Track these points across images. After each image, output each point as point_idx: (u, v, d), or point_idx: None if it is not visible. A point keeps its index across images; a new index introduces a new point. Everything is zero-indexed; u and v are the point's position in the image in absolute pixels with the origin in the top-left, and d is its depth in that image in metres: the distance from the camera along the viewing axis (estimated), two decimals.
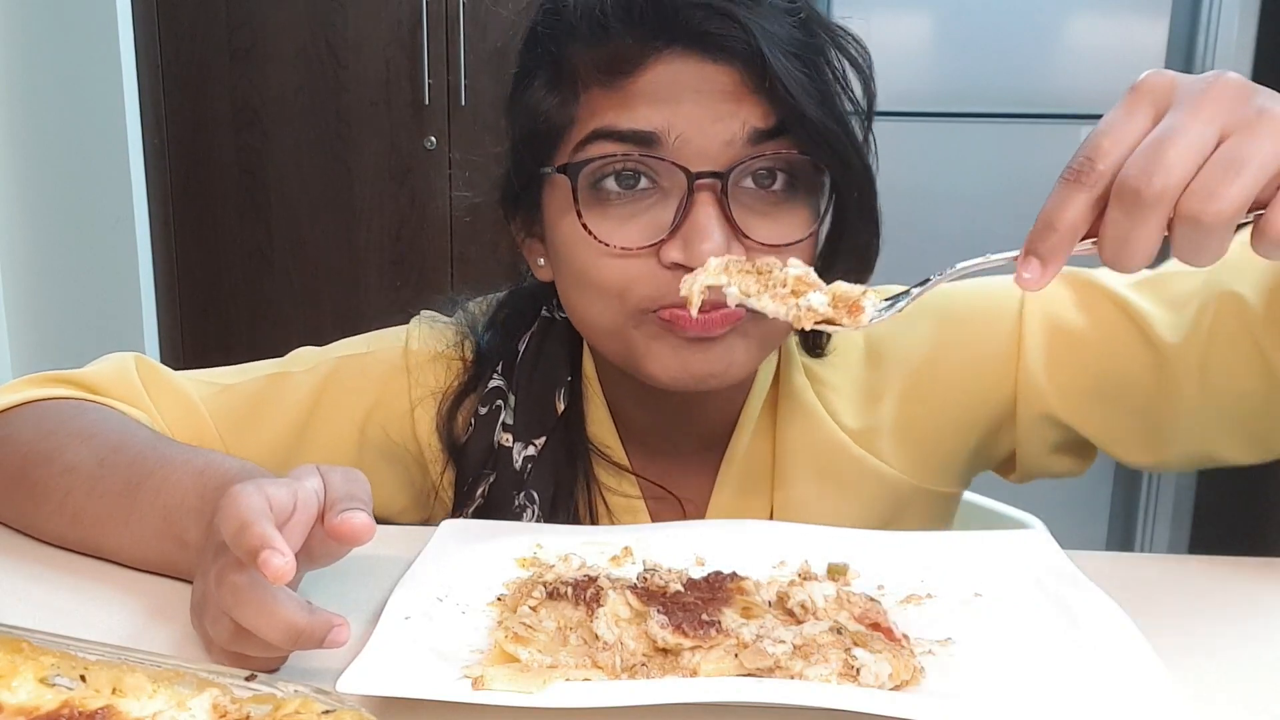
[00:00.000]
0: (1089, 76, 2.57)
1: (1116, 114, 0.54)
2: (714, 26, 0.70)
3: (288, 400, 0.88)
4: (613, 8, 0.72)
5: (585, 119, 0.74)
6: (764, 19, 0.70)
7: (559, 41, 0.75)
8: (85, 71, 2.57)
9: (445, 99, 2.69)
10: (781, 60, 0.70)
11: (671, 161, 0.71)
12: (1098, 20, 2.57)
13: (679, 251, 0.71)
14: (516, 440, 0.85)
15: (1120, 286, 0.79)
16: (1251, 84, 0.52)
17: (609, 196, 0.73)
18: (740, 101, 0.71)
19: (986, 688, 0.54)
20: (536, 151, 0.77)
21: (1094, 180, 0.53)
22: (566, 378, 0.86)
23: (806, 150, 0.72)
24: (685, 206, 0.71)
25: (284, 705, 0.48)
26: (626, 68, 0.71)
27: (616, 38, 0.71)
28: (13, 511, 0.78)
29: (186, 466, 0.69)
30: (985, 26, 2.51)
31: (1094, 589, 0.62)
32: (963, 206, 2.49)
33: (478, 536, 0.72)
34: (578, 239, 0.74)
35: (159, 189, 2.77)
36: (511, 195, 0.81)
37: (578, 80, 0.74)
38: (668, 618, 0.56)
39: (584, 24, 0.73)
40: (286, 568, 0.51)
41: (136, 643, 0.58)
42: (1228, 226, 0.51)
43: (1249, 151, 0.50)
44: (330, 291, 2.83)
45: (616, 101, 0.72)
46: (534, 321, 0.89)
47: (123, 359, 0.88)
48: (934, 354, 0.84)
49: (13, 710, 0.49)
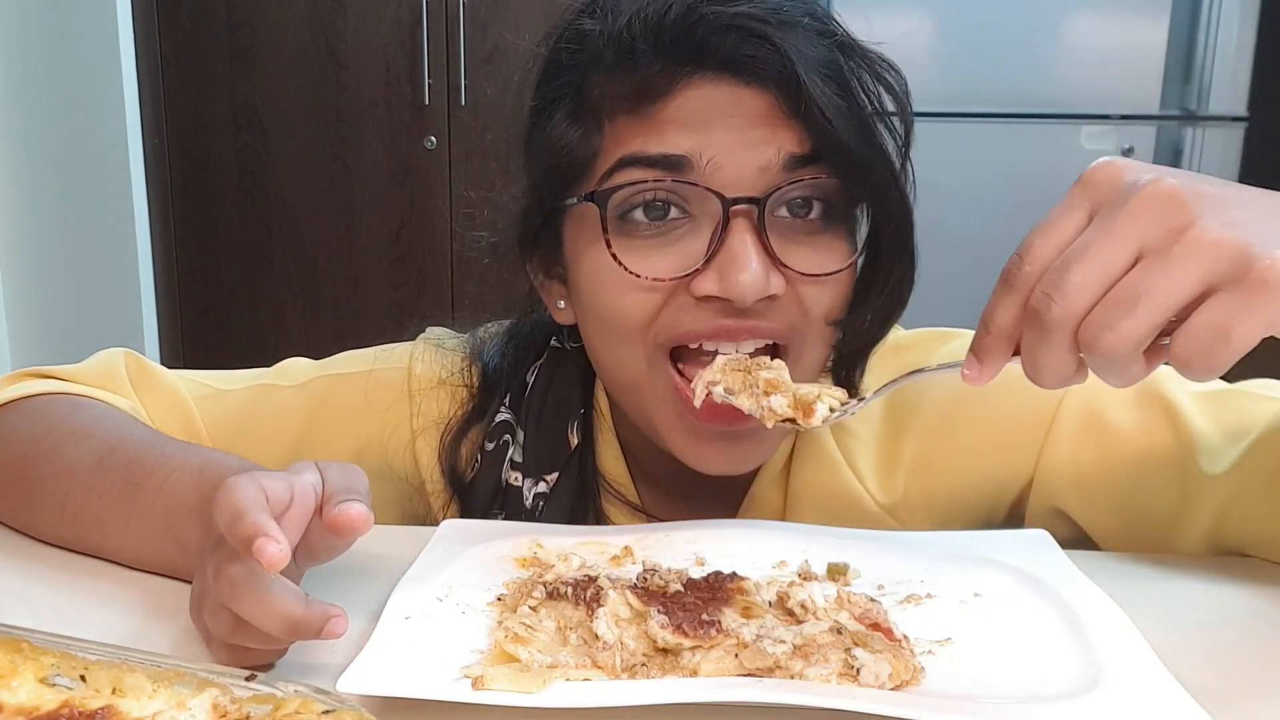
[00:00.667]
0: (1089, 76, 2.57)
1: (1055, 211, 0.52)
2: (748, 51, 0.67)
3: (278, 416, 0.86)
4: (641, 34, 0.68)
5: (611, 148, 0.70)
6: (799, 42, 0.67)
7: (582, 71, 0.72)
8: (85, 71, 2.57)
9: (445, 99, 2.70)
10: (818, 84, 0.66)
11: (705, 187, 0.67)
12: (1098, 20, 2.58)
13: (714, 283, 0.67)
14: (527, 477, 0.82)
15: (1182, 395, 0.74)
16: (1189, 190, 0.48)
17: (637, 227, 0.70)
18: (774, 127, 0.68)
19: (986, 688, 0.54)
20: (559, 184, 0.73)
21: (1021, 283, 0.51)
22: (580, 410, 0.83)
23: (844, 177, 0.69)
24: (720, 234, 0.67)
25: (284, 705, 0.48)
26: (655, 95, 0.68)
27: (645, 65, 0.68)
28: (10, 513, 0.77)
29: (186, 466, 0.69)
30: (985, 26, 2.51)
31: (1094, 589, 0.62)
32: (963, 206, 2.49)
33: (478, 536, 0.72)
34: (604, 272, 0.70)
35: (159, 189, 2.77)
36: (531, 234, 0.77)
37: (602, 110, 0.71)
38: (668, 618, 0.56)
39: (610, 52, 0.70)
40: (281, 555, 0.51)
41: (136, 643, 0.58)
42: (1127, 359, 0.49)
43: (1153, 283, 0.47)
44: (330, 291, 2.83)
45: (645, 128, 0.69)
46: (543, 351, 0.85)
47: (112, 355, 0.86)
48: (948, 420, 0.80)
49: (13, 710, 0.49)
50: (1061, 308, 0.49)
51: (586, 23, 0.72)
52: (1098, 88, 2.56)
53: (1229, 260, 0.46)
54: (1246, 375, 0.80)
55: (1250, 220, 0.47)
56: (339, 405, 0.86)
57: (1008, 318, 0.52)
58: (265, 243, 2.82)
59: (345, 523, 0.55)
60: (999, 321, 0.52)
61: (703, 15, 0.67)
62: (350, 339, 0.95)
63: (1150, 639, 0.55)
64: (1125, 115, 2.62)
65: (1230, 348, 0.47)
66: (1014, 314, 0.52)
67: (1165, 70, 2.62)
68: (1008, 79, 2.51)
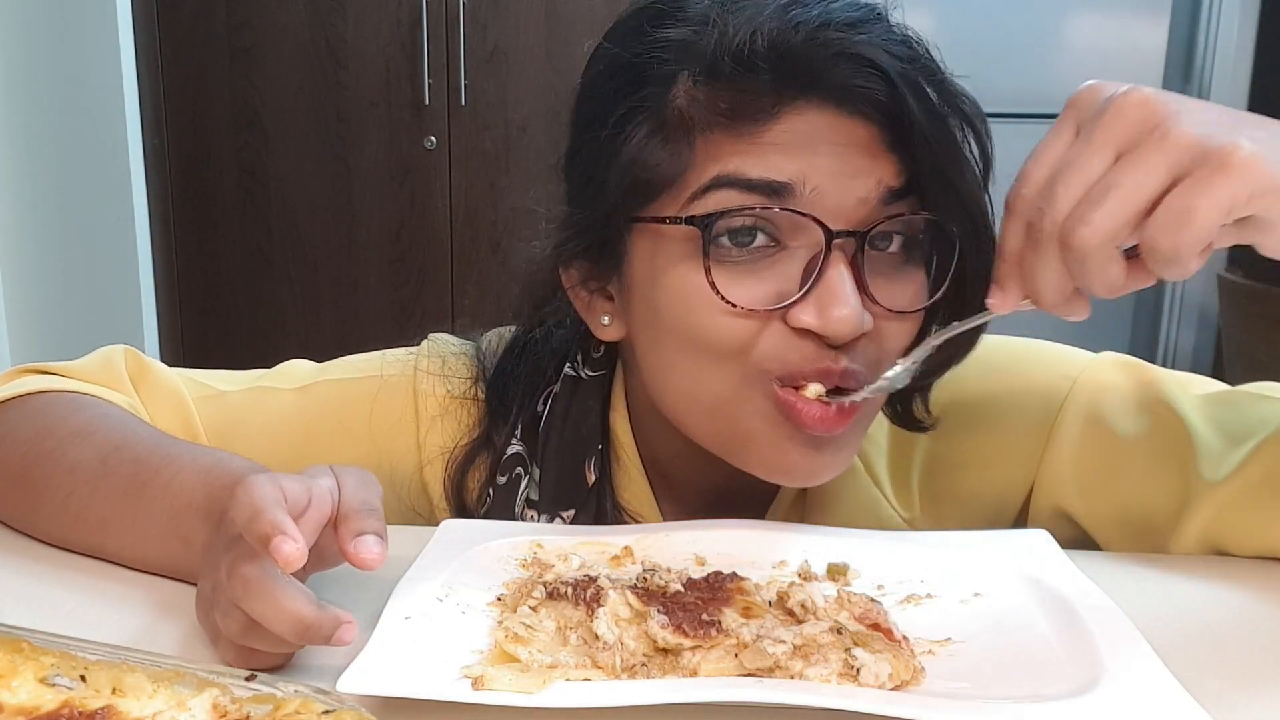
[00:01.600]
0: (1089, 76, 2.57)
1: (1047, 136, 0.54)
2: (861, 79, 0.64)
3: (276, 419, 0.84)
4: (756, 53, 0.64)
5: (704, 163, 0.66)
6: (905, 74, 0.65)
7: (669, 83, 0.67)
8: (85, 71, 2.57)
9: (445, 99, 2.70)
10: (920, 117, 0.65)
11: (811, 216, 0.65)
12: (1098, 20, 2.58)
13: (813, 316, 0.65)
14: (542, 514, 0.80)
15: (1184, 400, 0.74)
16: (1160, 96, 0.51)
17: (727, 251, 0.66)
18: (875, 157, 0.66)
19: (986, 688, 0.54)
20: (640, 200, 0.69)
21: (1020, 205, 0.54)
22: (598, 446, 0.80)
23: (936, 210, 0.67)
24: (821, 267, 0.65)
25: (284, 705, 0.48)
26: (758, 115, 0.65)
27: (748, 82, 0.65)
28: (13, 512, 0.77)
29: (193, 466, 0.68)
30: (985, 26, 2.51)
31: (1094, 589, 0.62)
32: None
33: (478, 537, 0.71)
34: (694, 296, 0.67)
35: (159, 189, 2.77)
36: (582, 249, 0.73)
37: (694, 124, 0.67)
38: (668, 618, 0.56)
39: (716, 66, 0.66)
40: (298, 553, 0.51)
41: (138, 643, 0.58)
42: (1100, 251, 0.51)
43: (1121, 176, 0.50)
44: (330, 291, 2.83)
45: (745, 148, 0.66)
46: (556, 379, 0.82)
47: (112, 351, 0.86)
48: (963, 417, 0.79)
49: (13, 710, 0.49)
50: (1050, 217, 0.51)
51: (675, 31, 0.68)
52: None
53: (1193, 151, 0.49)
54: (1252, 378, 0.80)
55: (1218, 120, 0.51)
56: (339, 418, 0.84)
57: (1015, 241, 0.54)
58: (265, 243, 2.82)
59: (361, 561, 0.55)
60: (1008, 246, 0.55)
61: (825, 40, 0.64)
62: (350, 339, 0.95)
63: (1150, 639, 0.55)
64: None
65: (1193, 228, 0.49)
66: (1020, 236, 0.54)
67: (1165, 70, 2.62)
68: (1008, 79, 2.51)
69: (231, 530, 0.57)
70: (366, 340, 0.92)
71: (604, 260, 0.73)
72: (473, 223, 2.77)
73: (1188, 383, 0.77)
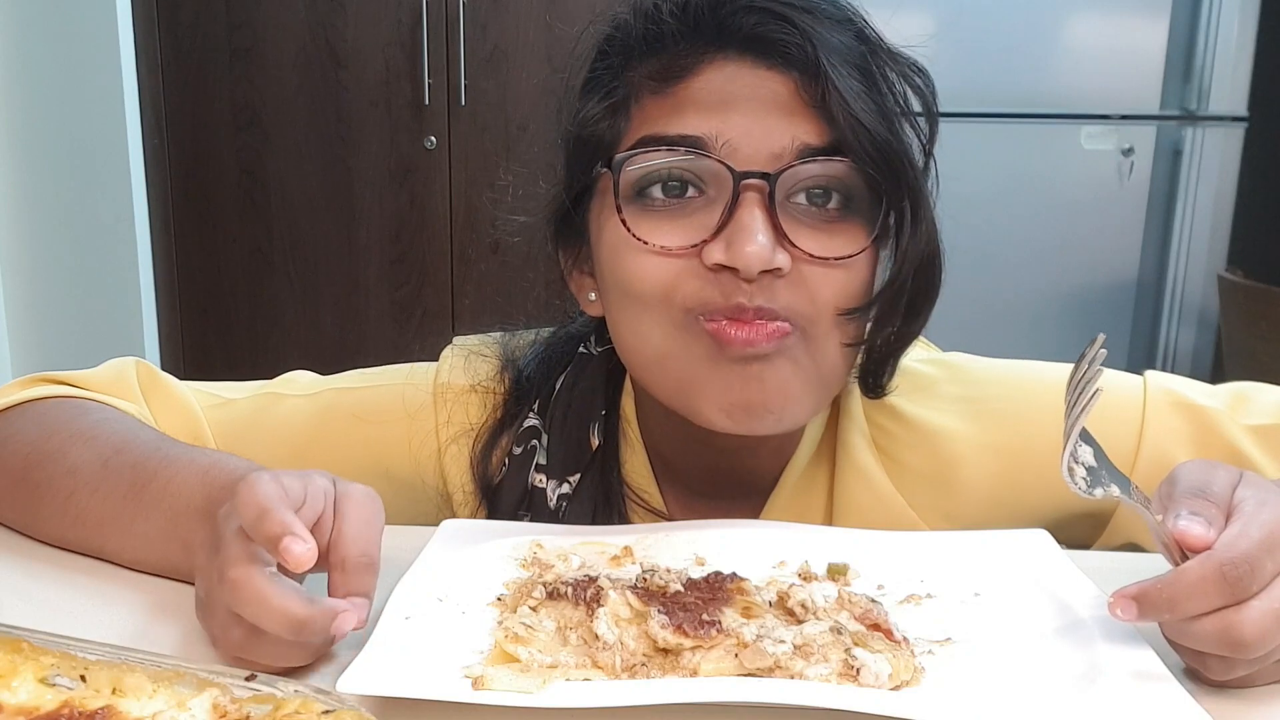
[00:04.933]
0: (1089, 76, 2.57)
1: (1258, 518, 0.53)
2: (770, 31, 0.68)
3: (284, 423, 0.86)
4: (668, 12, 0.71)
5: (636, 127, 0.72)
6: (823, 29, 0.69)
7: (620, 57, 0.74)
8: (85, 72, 2.57)
9: (445, 99, 2.69)
10: (840, 71, 0.67)
11: (716, 159, 0.69)
12: (1098, 20, 2.58)
13: (721, 251, 0.68)
14: (550, 479, 0.83)
15: (1241, 434, 0.77)
16: None
17: (653, 202, 0.71)
18: (793, 114, 0.69)
19: (986, 688, 0.54)
20: (584, 163, 0.75)
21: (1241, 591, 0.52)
22: (601, 412, 0.84)
23: (861, 167, 0.69)
24: (731, 208, 0.69)
25: (284, 705, 0.48)
26: (679, 73, 0.70)
27: (671, 45, 0.70)
28: (14, 513, 0.77)
29: (192, 467, 0.69)
30: (985, 26, 2.51)
31: (1094, 589, 0.62)
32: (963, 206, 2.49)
33: (478, 536, 0.72)
34: (620, 244, 0.72)
35: (159, 189, 2.77)
36: (559, 217, 0.78)
37: (631, 92, 0.73)
38: (668, 618, 0.56)
39: (640, 33, 0.72)
40: (308, 554, 0.52)
41: (137, 642, 0.58)
42: None
43: None
44: (330, 291, 2.83)
45: (668, 109, 0.71)
46: (572, 359, 0.87)
47: (123, 363, 0.87)
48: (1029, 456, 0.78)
49: (13, 710, 0.49)
50: None
51: (622, 11, 0.74)
52: (1098, 88, 2.56)
53: None
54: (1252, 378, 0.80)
55: None
56: (348, 423, 0.85)
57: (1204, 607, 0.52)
58: (265, 243, 2.82)
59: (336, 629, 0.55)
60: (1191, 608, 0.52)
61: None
62: (350, 339, 0.96)
63: (1150, 639, 0.55)
64: (1125, 115, 2.62)
65: None
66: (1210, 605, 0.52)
67: (1165, 70, 2.62)
68: (1008, 79, 2.51)
69: (220, 531, 0.57)
70: (366, 340, 0.92)
71: (579, 236, 0.78)
72: (473, 223, 2.77)
73: (1232, 406, 0.78)
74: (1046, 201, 2.65)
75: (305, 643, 0.55)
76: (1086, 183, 2.67)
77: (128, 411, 0.82)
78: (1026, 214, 2.62)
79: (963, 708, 0.51)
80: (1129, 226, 2.77)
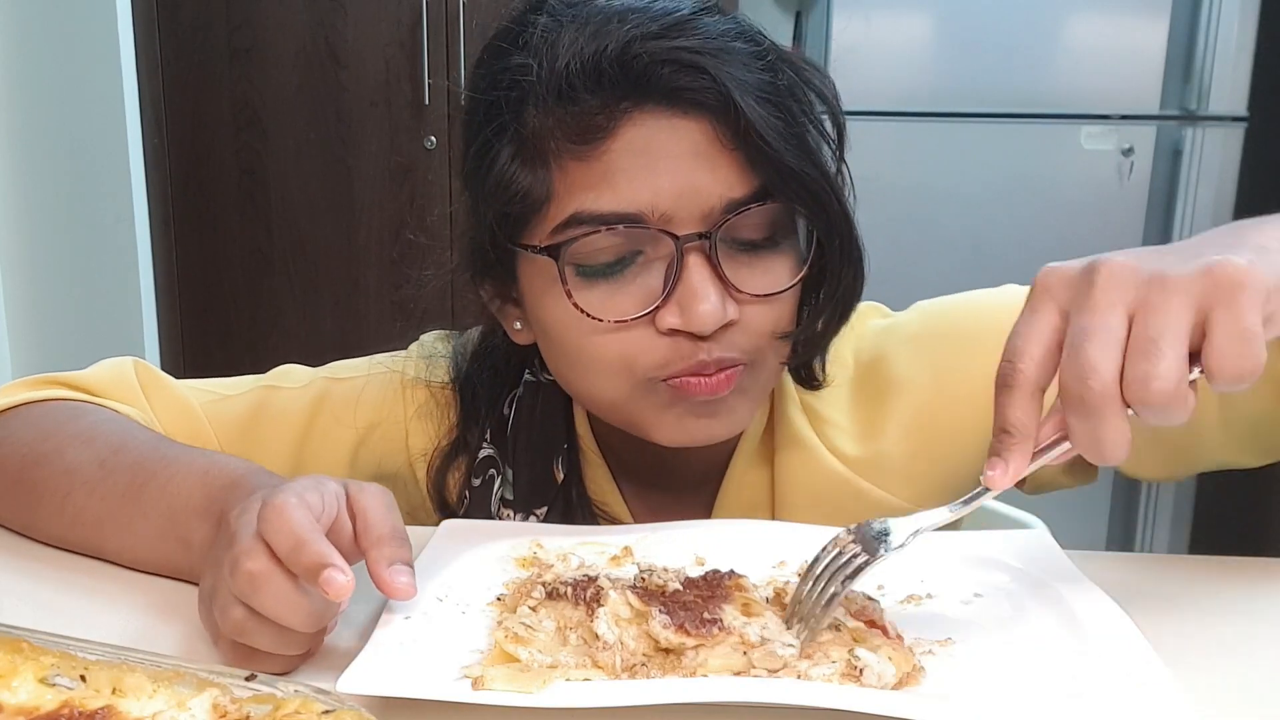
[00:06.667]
0: (1089, 76, 2.57)
1: (1023, 316, 0.55)
2: (684, 82, 0.68)
3: (282, 416, 0.87)
4: (579, 74, 0.69)
5: (563, 195, 0.71)
6: (733, 67, 0.68)
7: (519, 107, 0.72)
8: (85, 71, 2.57)
9: (445, 99, 2.69)
10: (755, 108, 0.68)
11: (659, 229, 0.69)
12: (1098, 20, 2.57)
13: (675, 316, 0.70)
14: (518, 513, 0.84)
15: None
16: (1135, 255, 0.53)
17: (595, 270, 0.71)
18: (715, 164, 0.69)
19: (986, 688, 0.54)
20: (514, 228, 0.74)
21: (1020, 379, 0.53)
22: (563, 445, 0.85)
23: (785, 200, 0.71)
24: (677, 270, 0.70)
25: (284, 705, 0.48)
26: (598, 134, 0.69)
27: (584, 102, 0.69)
28: (12, 513, 0.77)
29: (190, 467, 0.69)
30: (985, 26, 2.51)
31: (1094, 589, 0.62)
32: (963, 206, 2.49)
33: (478, 536, 0.72)
34: (569, 318, 0.72)
35: (159, 189, 2.77)
36: (482, 265, 0.78)
37: (549, 151, 0.71)
38: (670, 617, 0.56)
39: (547, 90, 0.70)
40: (349, 586, 0.53)
41: (137, 642, 0.58)
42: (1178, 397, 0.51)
43: (1158, 326, 0.50)
44: (330, 291, 2.83)
45: (595, 177, 0.70)
46: (517, 382, 0.87)
47: (121, 363, 0.87)
48: (938, 381, 0.81)
49: (13, 710, 0.49)
50: (1099, 380, 0.51)
51: (516, 58, 0.71)
52: (1098, 88, 2.55)
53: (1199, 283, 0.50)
54: None
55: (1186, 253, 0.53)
56: (335, 411, 0.87)
57: (1024, 414, 0.54)
58: (265, 243, 2.82)
59: (394, 590, 0.57)
60: (1017, 420, 0.54)
61: (638, 52, 0.68)
62: (350, 339, 0.97)
63: (1150, 639, 0.55)
64: (1125, 115, 2.62)
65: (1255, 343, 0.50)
66: (1027, 410, 0.54)
67: (1165, 70, 2.62)
68: (1008, 79, 2.51)
69: (232, 528, 0.57)
70: (366, 340, 0.93)
71: (503, 277, 0.78)
72: None
73: None
74: (1046, 201, 2.65)
75: None
76: (1086, 183, 2.66)
77: (127, 413, 0.82)
78: (1026, 214, 2.62)
79: (963, 708, 0.51)
80: (1129, 226, 2.77)
